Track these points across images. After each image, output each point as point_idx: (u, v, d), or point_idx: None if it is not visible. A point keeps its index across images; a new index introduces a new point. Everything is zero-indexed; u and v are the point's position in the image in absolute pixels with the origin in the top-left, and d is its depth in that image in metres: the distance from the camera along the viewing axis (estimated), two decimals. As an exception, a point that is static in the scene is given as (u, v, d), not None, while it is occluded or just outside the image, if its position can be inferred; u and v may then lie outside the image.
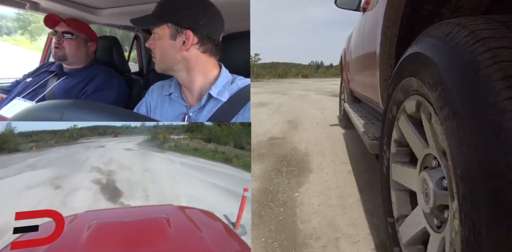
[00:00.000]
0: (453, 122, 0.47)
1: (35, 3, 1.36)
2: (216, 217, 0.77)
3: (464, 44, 0.49)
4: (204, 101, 0.92)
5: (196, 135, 1.22)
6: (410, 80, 0.71)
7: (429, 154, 0.68)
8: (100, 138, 1.24)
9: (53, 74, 1.37)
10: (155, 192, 0.95)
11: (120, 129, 1.19)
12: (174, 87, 1.00)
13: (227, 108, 0.91)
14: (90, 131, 1.18)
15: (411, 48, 0.72)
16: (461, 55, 0.49)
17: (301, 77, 64.44)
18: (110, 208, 0.78)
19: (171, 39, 0.89)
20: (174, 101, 0.98)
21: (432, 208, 0.61)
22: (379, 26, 1.05)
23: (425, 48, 0.62)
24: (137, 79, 1.65)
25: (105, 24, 1.85)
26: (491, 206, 0.39)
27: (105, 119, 0.82)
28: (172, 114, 0.97)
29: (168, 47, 0.90)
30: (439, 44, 0.57)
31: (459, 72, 0.48)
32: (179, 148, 1.24)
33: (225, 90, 0.92)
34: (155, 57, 0.93)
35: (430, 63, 0.57)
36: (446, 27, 0.58)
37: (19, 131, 0.84)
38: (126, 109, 0.95)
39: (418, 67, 0.65)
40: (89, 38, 1.35)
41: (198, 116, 0.93)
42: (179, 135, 1.21)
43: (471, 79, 0.45)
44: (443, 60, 0.53)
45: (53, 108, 0.73)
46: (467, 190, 0.44)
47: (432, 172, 0.64)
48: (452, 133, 0.48)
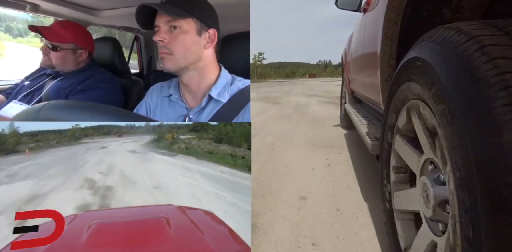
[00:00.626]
0: (453, 126, 0.48)
1: (35, 5, 1.37)
2: (217, 217, 0.77)
3: (464, 50, 0.49)
4: (205, 102, 0.91)
5: (203, 135, 1.13)
6: (409, 84, 0.71)
7: (426, 161, 0.68)
8: (103, 138, 1.12)
9: (50, 77, 1.36)
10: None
11: (124, 129, 1.11)
12: (174, 89, 0.99)
13: (227, 110, 0.90)
14: (95, 131, 1.11)
15: (410, 52, 0.72)
16: (461, 60, 0.49)
17: (308, 76, 62.52)
18: (110, 208, 0.78)
19: (197, 35, 0.87)
20: (174, 102, 0.98)
21: (433, 208, 0.61)
22: (379, 26, 1.05)
23: (423, 53, 0.62)
24: (137, 80, 1.65)
25: (105, 25, 1.85)
26: (490, 208, 0.39)
27: (99, 119, 0.80)
28: (172, 116, 0.97)
29: (193, 42, 0.87)
30: (438, 49, 0.57)
31: (459, 78, 0.48)
32: (191, 151, 1.10)
33: (225, 91, 0.92)
34: (171, 53, 0.86)
35: (430, 69, 0.58)
36: (445, 32, 0.58)
37: (22, 132, 0.78)
38: (124, 110, 0.94)
39: (417, 73, 0.65)
40: (78, 46, 1.30)
41: (199, 118, 0.93)
42: (186, 134, 1.09)
43: (471, 85, 0.45)
44: (443, 65, 0.54)
45: (48, 109, 0.72)
46: (466, 191, 0.44)
47: (430, 175, 0.64)
48: (452, 137, 0.48)
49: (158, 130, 1.14)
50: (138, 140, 1.15)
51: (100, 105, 0.94)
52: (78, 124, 0.83)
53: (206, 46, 0.89)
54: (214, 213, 0.79)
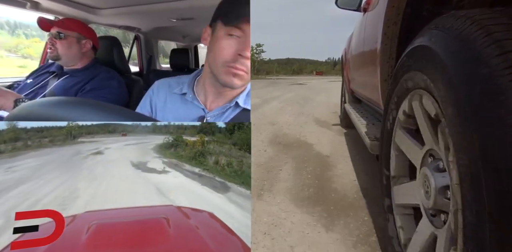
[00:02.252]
0: (459, 118, 0.47)
1: (36, 3, 1.37)
2: (216, 218, 0.77)
3: (473, 38, 0.48)
4: (227, 107, 0.89)
5: (225, 140, 0.82)
6: (413, 74, 0.69)
7: (427, 152, 0.67)
8: (104, 138, 0.93)
9: (53, 74, 1.37)
10: None
11: (130, 127, 0.92)
12: (188, 87, 0.93)
13: (244, 113, 0.90)
14: (89, 129, 0.96)
15: (416, 40, 0.70)
16: (469, 49, 0.48)
17: (316, 74, 57.87)
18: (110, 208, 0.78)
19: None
20: (188, 102, 0.93)
21: (434, 200, 0.60)
22: (379, 26, 1.05)
23: (431, 40, 0.60)
24: (137, 79, 1.65)
25: (106, 24, 1.85)
26: (496, 202, 0.39)
27: (104, 118, 0.78)
28: (186, 116, 0.93)
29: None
30: (446, 37, 0.55)
31: (466, 67, 0.47)
32: (236, 174, 0.65)
33: (248, 98, 0.91)
34: (247, 72, 0.80)
35: (437, 57, 0.56)
36: (454, 19, 0.56)
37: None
38: (128, 109, 0.91)
39: (424, 61, 0.63)
40: (82, 36, 1.34)
41: (215, 121, 0.91)
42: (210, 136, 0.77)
43: (479, 75, 0.44)
44: (450, 54, 0.52)
45: (47, 106, 0.68)
46: (470, 184, 0.44)
47: (431, 164, 0.64)
48: (457, 129, 0.47)
49: (175, 130, 0.80)
50: (148, 141, 0.84)
51: (106, 104, 0.92)
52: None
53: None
54: (214, 214, 0.79)
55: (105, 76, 1.36)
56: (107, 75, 1.38)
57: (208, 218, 0.77)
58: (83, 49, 1.35)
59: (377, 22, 1.10)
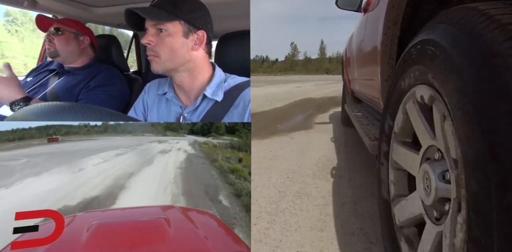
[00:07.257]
0: (466, 114, 0.46)
1: (33, 1, 1.36)
2: (216, 218, 0.77)
3: (481, 31, 0.47)
4: (199, 101, 0.92)
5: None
6: (419, 68, 0.68)
7: (428, 148, 0.66)
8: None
9: (53, 73, 1.36)
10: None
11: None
12: (169, 87, 0.98)
13: (217, 107, 0.91)
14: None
15: (421, 34, 0.68)
16: (476, 43, 0.47)
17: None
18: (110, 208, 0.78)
19: (183, 37, 0.87)
20: (169, 101, 0.98)
21: (434, 199, 0.59)
22: (380, 26, 1.05)
23: (437, 34, 0.59)
24: (136, 78, 1.65)
25: (103, 22, 1.84)
26: (504, 202, 0.38)
27: (85, 119, 0.78)
28: (168, 114, 0.97)
29: (179, 45, 0.87)
30: (453, 30, 0.54)
31: (474, 61, 0.46)
32: None
33: (219, 89, 0.92)
34: (158, 55, 0.86)
35: (443, 51, 0.55)
36: (460, 12, 0.55)
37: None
38: (106, 109, 0.90)
39: (429, 55, 0.61)
40: (80, 32, 1.34)
41: (192, 117, 0.93)
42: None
43: (487, 69, 0.43)
44: (456, 47, 0.51)
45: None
46: (476, 184, 0.43)
47: (434, 164, 0.62)
48: (463, 125, 0.46)
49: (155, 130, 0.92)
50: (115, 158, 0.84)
51: (89, 105, 0.91)
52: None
53: (194, 47, 0.89)
54: (214, 214, 0.79)
55: (108, 73, 1.36)
56: (110, 73, 1.37)
57: (208, 218, 0.78)
58: (81, 45, 1.34)
59: (377, 23, 1.10)
